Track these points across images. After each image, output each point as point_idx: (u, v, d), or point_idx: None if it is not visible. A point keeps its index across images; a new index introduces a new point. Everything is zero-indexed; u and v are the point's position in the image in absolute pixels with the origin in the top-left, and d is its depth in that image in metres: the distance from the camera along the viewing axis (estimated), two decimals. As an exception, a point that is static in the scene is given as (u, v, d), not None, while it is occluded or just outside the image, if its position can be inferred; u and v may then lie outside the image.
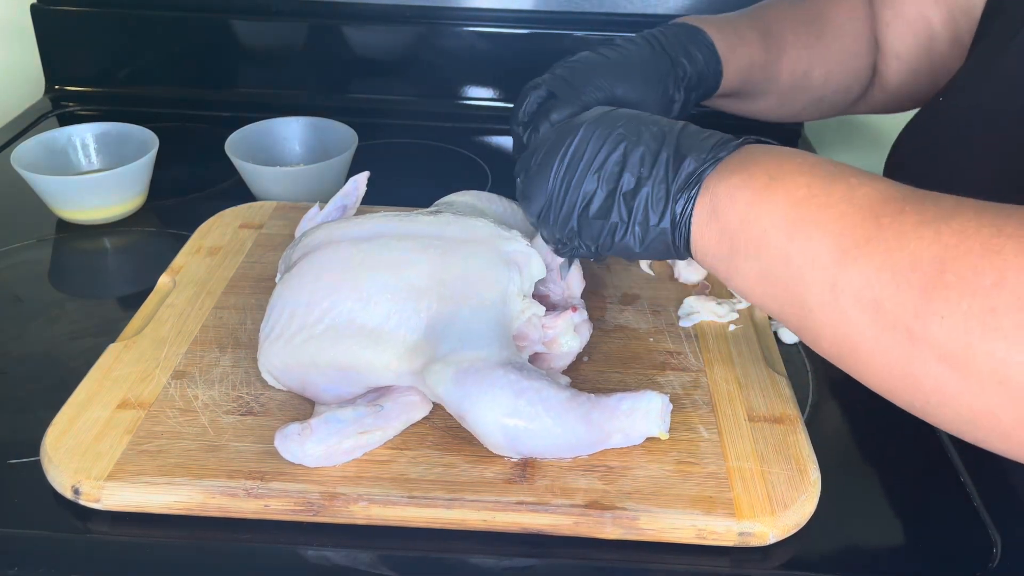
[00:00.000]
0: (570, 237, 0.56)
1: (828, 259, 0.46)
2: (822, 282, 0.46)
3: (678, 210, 0.52)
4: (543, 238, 0.59)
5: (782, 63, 0.77)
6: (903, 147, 0.75)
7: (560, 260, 0.64)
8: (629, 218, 0.53)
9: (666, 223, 0.52)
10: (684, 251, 0.53)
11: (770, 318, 0.71)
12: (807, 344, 0.50)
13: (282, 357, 0.59)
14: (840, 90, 0.81)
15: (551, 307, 0.67)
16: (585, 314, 0.65)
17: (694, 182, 0.51)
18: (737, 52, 0.73)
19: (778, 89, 0.79)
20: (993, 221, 0.42)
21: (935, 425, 0.46)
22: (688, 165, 0.52)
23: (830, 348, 0.48)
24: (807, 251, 0.46)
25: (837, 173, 0.48)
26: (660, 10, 1.08)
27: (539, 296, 0.67)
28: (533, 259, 0.62)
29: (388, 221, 0.62)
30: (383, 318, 0.58)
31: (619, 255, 0.56)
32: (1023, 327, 0.40)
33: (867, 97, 0.83)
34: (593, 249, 0.57)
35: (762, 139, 0.54)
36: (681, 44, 0.71)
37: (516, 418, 0.54)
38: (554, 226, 0.56)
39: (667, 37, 0.72)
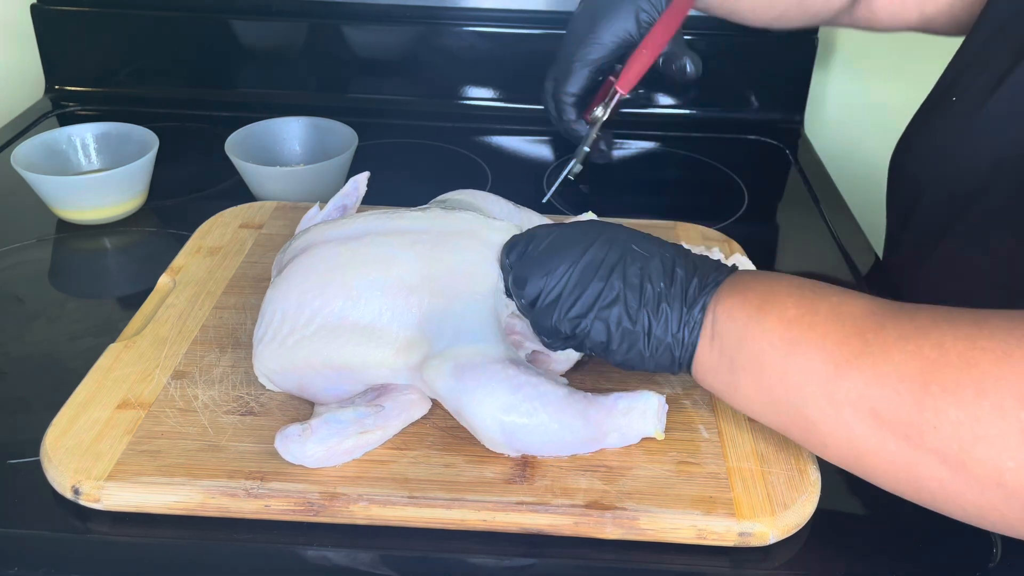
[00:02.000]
0: (573, 332, 0.55)
1: (823, 374, 0.49)
2: (821, 395, 0.49)
3: (687, 331, 0.53)
4: (535, 329, 0.57)
5: None
6: (908, 143, 0.75)
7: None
8: (649, 328, 0.54)
9: (676, 341, 0.54)
10: (685, 367, 0.55)
11: None
12: (817, 455, 0.53)
13: (277, 360, 0.59)
14: None
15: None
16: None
17: (699, 303, 0.53)
18: None
19: None
20: (968, 333, 0.45)
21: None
22: (694, 286, 0.54)
23: (836, 456, 0.51)
24: (803, 367, 0.49)
25: (821, 293, 0.51)
26: (660, 10, 1.08)
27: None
28: None
29: (375, 219, 0.62)
30: (375, 315, 0.58)
31: (622, 364, 0.56)
32: (1008, 434, 0.43)
33: (852, 11, 0.84)
34: (593, 349, 0.56)
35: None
36: None
37: (513, 414, 0.54)
38: (559, 318, 0.55)
39: None
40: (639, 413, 0.56)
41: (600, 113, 0.75)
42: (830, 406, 0.48)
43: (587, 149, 0.75)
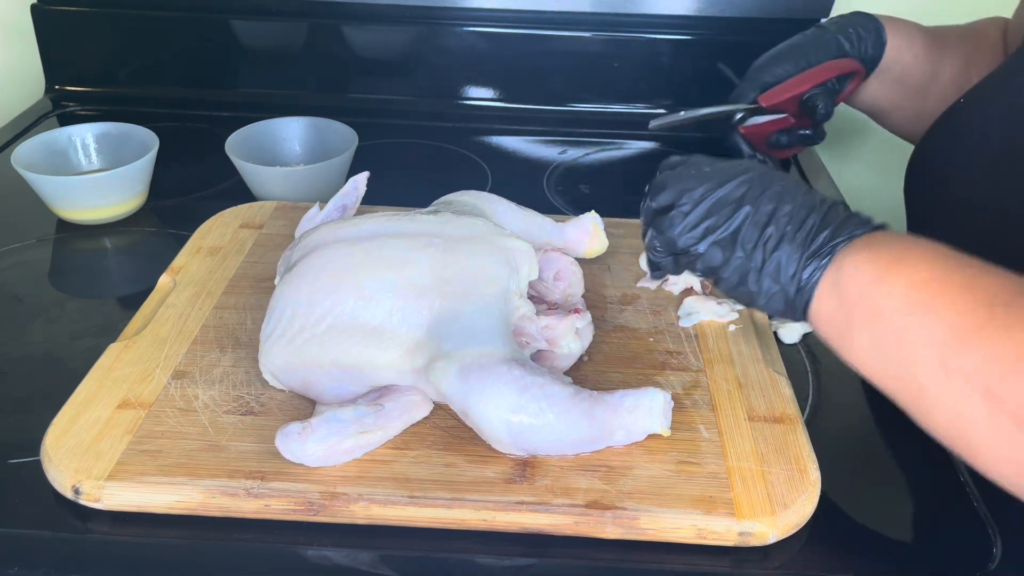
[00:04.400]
0: (687, 250, 0.58)
1: (941, 340, 0.48)
2: (935, 361, 0.48)
3: (805, 275, 0.54)
4: (654, 240, 0.60)
5: (944, 57, 0.83)
6: (926, 148, 0.76)
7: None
8: (762, 267, 0.55)
9: (792, 285, 0.54)
10: (800, 314, 0.55)
11: (770, 317, 0.71)
12: (921, 424, 0.51)
13: (284, 357, 0.59)
14: None
15: (552, 306, 0.67)
16: (588, 317, 0.65)
17: (826, 252, 0.53)
18: (899, 30, 0.84)
19: (940, 86, 0.83)
20: None
21: None
22: (824, 236, 0.54)
23: (942, 426, 0.49)
24: (922, 331, 0.48)
25: (961, 263, 0.50)
26: (661, 10, 1.08)
27: (536, 297, 0.67)
28: (529, 259, 0.63)
29: (387, 221, 0.63)
30: (386, 316, 0.58)
31: (736, 297, 0.58)
32: None
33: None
34: (705, 272, 0.59)
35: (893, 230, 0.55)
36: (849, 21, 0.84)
37: (520, 414, 0.54)
38: (679, 233, 0.58)
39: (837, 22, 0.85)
40: (645, 410, 0.56)
41: (711, 111, 0.83)
42: (943, 374, 0.47)
43: (681, 114, 0.82)
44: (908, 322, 0.49)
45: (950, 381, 0.47)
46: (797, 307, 0.55)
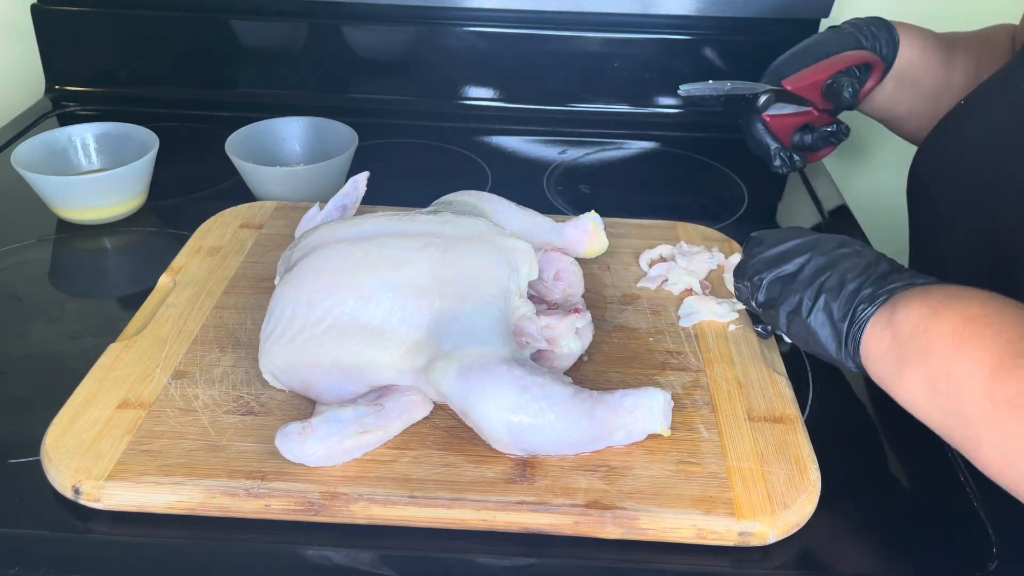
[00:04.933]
0: (751, 281, 0.63)
1: (987, 370, 0.48)
2: (980, 392, 0.48)
3: (859, 311, 0.56)
4: (735, 282, 0.66)
5: (956, 62, 0.84)
6: (927, 149, 0.76)
7: None
8: (815, 302, 0.58)
9: (844, 323, 0.57)
10: (852, 352, 0.57)
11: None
12: (974, 463, 0.51)
13: (284, 357, 0.59)
14: None
15: (552, 306, 0.67)
16: (588, 317, 0.65)
17: (882, 294, 0.56)
18: (912, 34, 0.85)
19: (952, 91, 0.83)
20: None
21: None
22: (881, 281, 0.57)
23: (992, 461, 0.49)
24: (969, 362, 0.49)
25: (1014, 303, 0.51)
26: (660, 10, 1.08)
27: (536, 297, 0.67)
28: (529, 259, 0.63)
29: (387, 221, 0.63)
30: (385, 316, 0.58)
31: (792, 336, 0.61)
32: None
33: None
34: (759, 306, 0.63)
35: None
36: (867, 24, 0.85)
37: (521, 414, 0.54)
38: (753, 265, 0.63)
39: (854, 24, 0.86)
40: (645, 410, 0.56)
41: (737, 85, 0.84)
42: (988, 403, 0.48)
43: (710, 83, 0.84)
44: (956, 354, 0.50)
45: (995, 410, 0.47)
46: (849, 345, 0.56)
